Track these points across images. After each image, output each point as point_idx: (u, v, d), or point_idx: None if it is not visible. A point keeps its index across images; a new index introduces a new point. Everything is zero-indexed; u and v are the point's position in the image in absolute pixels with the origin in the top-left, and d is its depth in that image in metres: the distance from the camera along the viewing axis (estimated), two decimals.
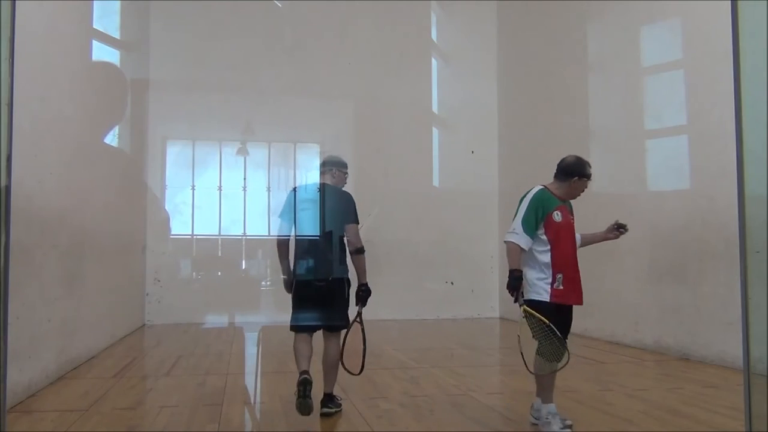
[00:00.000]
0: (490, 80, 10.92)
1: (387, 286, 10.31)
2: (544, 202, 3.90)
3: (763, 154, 1.91)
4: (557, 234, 3.89)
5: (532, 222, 3.87)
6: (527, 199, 3.93)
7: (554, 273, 3.87)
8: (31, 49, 4.76)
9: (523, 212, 3.90)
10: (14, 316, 4.33)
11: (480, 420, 4.28)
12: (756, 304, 1.96)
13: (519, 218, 3.89)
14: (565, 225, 3.93)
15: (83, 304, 6.20)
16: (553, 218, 3.89)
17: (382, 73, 10.31)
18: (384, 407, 4.54)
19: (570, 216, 4.01)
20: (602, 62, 8.31)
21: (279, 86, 9.75)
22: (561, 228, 3.91)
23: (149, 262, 9.57)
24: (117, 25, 8.47)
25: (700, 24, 6.50)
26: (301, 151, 10.82)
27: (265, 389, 5.42)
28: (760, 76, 1.93)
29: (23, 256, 4.59)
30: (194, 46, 9.52)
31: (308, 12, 9.91)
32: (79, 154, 6.16)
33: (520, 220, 3.88)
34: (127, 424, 4.16)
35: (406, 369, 6.10)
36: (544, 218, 3.88)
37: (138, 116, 9.27)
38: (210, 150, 10.40)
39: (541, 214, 3.87)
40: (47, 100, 5.19)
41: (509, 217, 4.04)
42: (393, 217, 10.30)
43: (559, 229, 3.90)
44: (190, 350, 7.34)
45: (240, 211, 10.17)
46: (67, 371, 5.67)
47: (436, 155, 10.93)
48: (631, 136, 7.52)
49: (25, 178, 4.63)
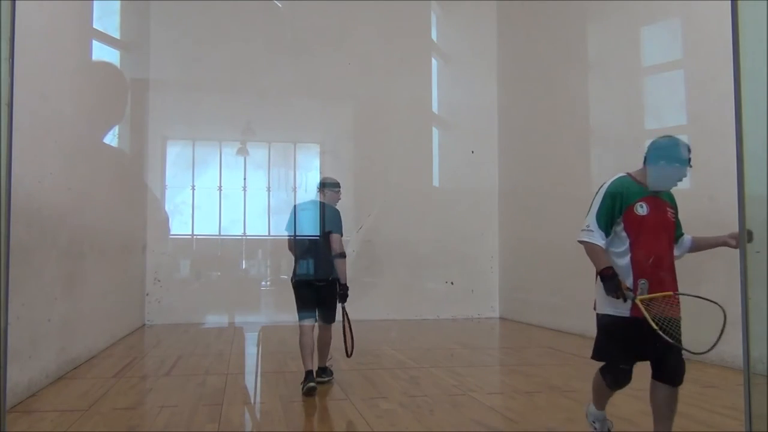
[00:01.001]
0: (490, 80, 10.92)
1: (387, 285, 10.37)
2: (623, 192, 3.25)
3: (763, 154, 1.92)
4: (639, 230, 3.22)
5: (606, 215, 3.24)
6: (603, 189, 3.31)
7: (635, 279, 3.20)
8: (31, 48, 4.76)
9: (597, 204, 3.28)
10: (14, 316, 4.33)
11: (480, 420, 4.28)
12: (756, 304, 1.96)
13: (592, 212, 3.28)
14: (654, 220, 3.23)
15: (83, 304, 6.20)
16: (635, 211, 3.22)
17: (382, 73, 10.31)
18: (384, 407, 4.54)
19: (668, 210, 3.29)
20: (602, 62, 8.31)
21: (279, 86, 9.75)
22: (645, 223, 3.22)
23: (149, 262, 9.57)
24: (117, 25, 8.47)
25: (700, 24, 6.50)
26: (301, 151, 10.83)
27: (265, 389, 5.42)
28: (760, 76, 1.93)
29: (23, 256, 4.59)
30: (194, 46, 9.52)
31: (308, 12, 9.91)
32: (79, 154, 6.16)
33: (594, 214, 3.27)
34: (127, 424, 4.16)
35: (406, 369, 6.10)
36: (624, 211, 3.23)
37: (138, 116, 9.27)
38: (210, 150, 10.40)
39: (618, 206, 3.23)
40: (47, 100, 5.19)
41: (509, 217, 3.95)
42: (393, 217, 10.30)
43: (642, 224, 3.22)
44: (190, 350, 7.34)
45: (240, 211, 10.17)
46: (67, 371, 5.67)
47: (436, 155, 10.93)
48: (631, 136, 7.52)
49: (25, 178, 4.62)
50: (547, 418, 4.31)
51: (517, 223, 10.28)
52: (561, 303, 8.81)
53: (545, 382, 5.48)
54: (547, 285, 9.24)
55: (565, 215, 9.04)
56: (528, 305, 9.77)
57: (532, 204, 9.78)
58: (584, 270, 3.93)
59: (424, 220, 10.48)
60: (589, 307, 3.40)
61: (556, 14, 9.22)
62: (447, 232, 10.56)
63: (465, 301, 10.59)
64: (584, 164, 8.39)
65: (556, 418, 4.29)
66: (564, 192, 8.82)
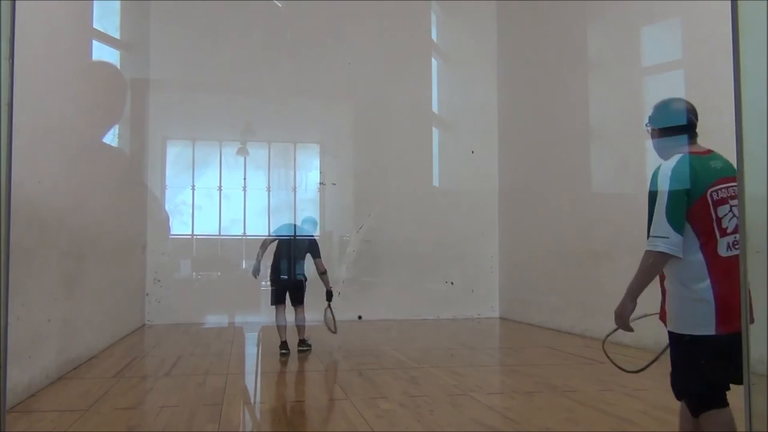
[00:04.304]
0: (490, 80, 10.92)
1: (387, 285, 10.37)
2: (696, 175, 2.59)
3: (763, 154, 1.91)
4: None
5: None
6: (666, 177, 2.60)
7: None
8: (31, 48, 4.76)
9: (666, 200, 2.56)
10: (14, 316, 4.33)
11: (480, 420, 4.28)
12: (756, 304, 1.96)
13: (662, 211, 2.56)
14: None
15: (83, 304, 6.20)
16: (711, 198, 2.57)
17: (382, 73, 10.31)
18: (384, 407, 4.54)
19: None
20: (602, 62, 8.31)
21: (279, 86, 9.75)
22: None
23: (149, 262, 9.56)
24: (117, 25, 8.47)
25: (700, 24, 6.50)
26: (301, 151, 10.83)
27: (265, 389, 5.43)
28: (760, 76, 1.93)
29: (23, 256, 4.59)
30: (194, 46, 9.52)
31: (308, 12, 9.91)
32: (79, 154, 6.16)
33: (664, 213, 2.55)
34: (127, 424, 4.16)
35: (406, 369, 6.10)
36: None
37: (138, 116, 9.27)
38: (210, 150, 10.40)
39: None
40: (47, 100, 5.18)
41: (509, 217, 3.94)
42: (393, 217, 10.31)
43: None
44: (190, 350, 7.34)
45: (240, 211, 10.17)
46: (67, 371, 5.67)
47: (436, 155, 10.93)
48: (631, 136, 7.52)
49: (25, 178, 4.62)
50: (547, 418, 4.31)
51: (517, 223, 10.28)
52: (561, 303, 8.81)
53: (545, 382, 5.48)
54: (547, 285, 9.23)
55: (565, 215, 9.06)
56: (528, 305, 9.77)
57: (532, 204, 9.78)
58: (583, 270, 3.94)
59: (424, 220, 10.48)
60: (589, 307, 3.36)
61: (556, 14, 9.22)
62: (447, 232, 10.56)
63: (465, 301, 10.59)
64: (584, 164, 8.39)
65: (556, 418, 4.29)
66: (564, 192, 8.83)
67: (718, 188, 2.57)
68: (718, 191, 2.56)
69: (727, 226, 2.55)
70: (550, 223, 9.15)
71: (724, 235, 2.55)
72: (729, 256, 2.53)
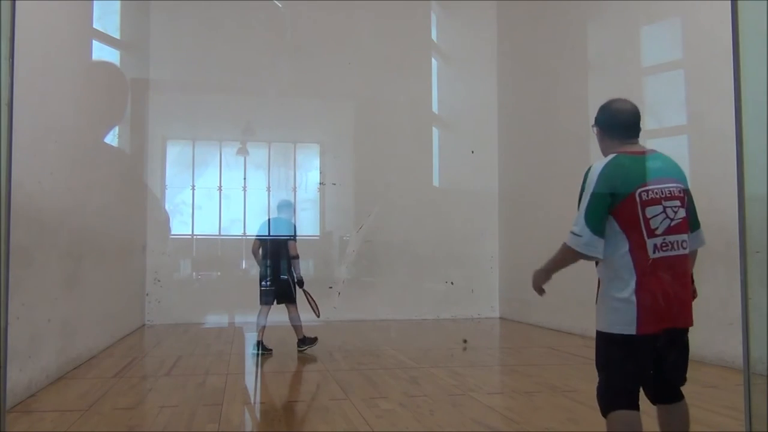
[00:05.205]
0: (490, 80, 10.91)
1: (387, 285, 10.37)
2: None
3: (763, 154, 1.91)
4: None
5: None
6: (593, 178, 2.72)
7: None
8: (31, 49, 4.76)
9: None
10: (14, 316, 4.33)
11: (480, 420, 4.28)
12: (756, 304, 1.96)
13: (582, 211, 2.72)
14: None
15: (83, 304, 6.20)
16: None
17: (382, 73, 10.30)
18: (384, 407, 4.54)
19: None
20: (602, 62, 8.31)
21: (279, 86, 9.75)
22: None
23: (149, 262, 9.57)
24: (117, 25, 8.46)
25: (700, 24, 6.50)
26: (301, 151, 10.83)
27: (265, 389, 5.42)
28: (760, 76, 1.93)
29: (23, 256, 4.59)
30: (194, 46, 9.52)
31: (308, 12, 9.91)
32: (79, 154, 6.16)
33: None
34: (127, 424, 4.16)
35: (406, 369, 6.10)
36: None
37: (138, 116, 9.27)
38: (210, 150, 10.40)
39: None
40: (47, 100, 5.18)
41: (509, 217, 3.93)
42: (393, 217, 10.30)
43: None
44: (190, 350, 7.34)
45: (240, 211, 10.17)
46: (67, 371, 5.67)
47: (436, 155, 10.93)
48: None
49: (25, 179, 4.62)
50: (547, 418, 4.31)
51: (517, 223, 10.28)
52: (561, 303, 8.80)
53: (545, 382, 5.48)
54: (547, 285, 9.20)
55: (565, 215, 9.05)
56: (528, 305, 9.76)
57: (532, 204, 9.77)
58: (583, 270, 3.92)
59: (424, 220, 10.48)
60: (589, 308, 3.31)
61: (556, 14, 9.22)
62: (447, 232, 10.56)
63: (465, 301, 10.59)
64: (584, 164, 8.35)
65: (556, 418, 4.29)
66: (564, 192, 8.81)
67: (649, 189, 2.56)
68: (648, 192, 2.55)
69: (656, 227, 2.55)
70: (550, 223, 9.13)
71: (652, 236, 2.55)
72: (656, 258, 2.54)
